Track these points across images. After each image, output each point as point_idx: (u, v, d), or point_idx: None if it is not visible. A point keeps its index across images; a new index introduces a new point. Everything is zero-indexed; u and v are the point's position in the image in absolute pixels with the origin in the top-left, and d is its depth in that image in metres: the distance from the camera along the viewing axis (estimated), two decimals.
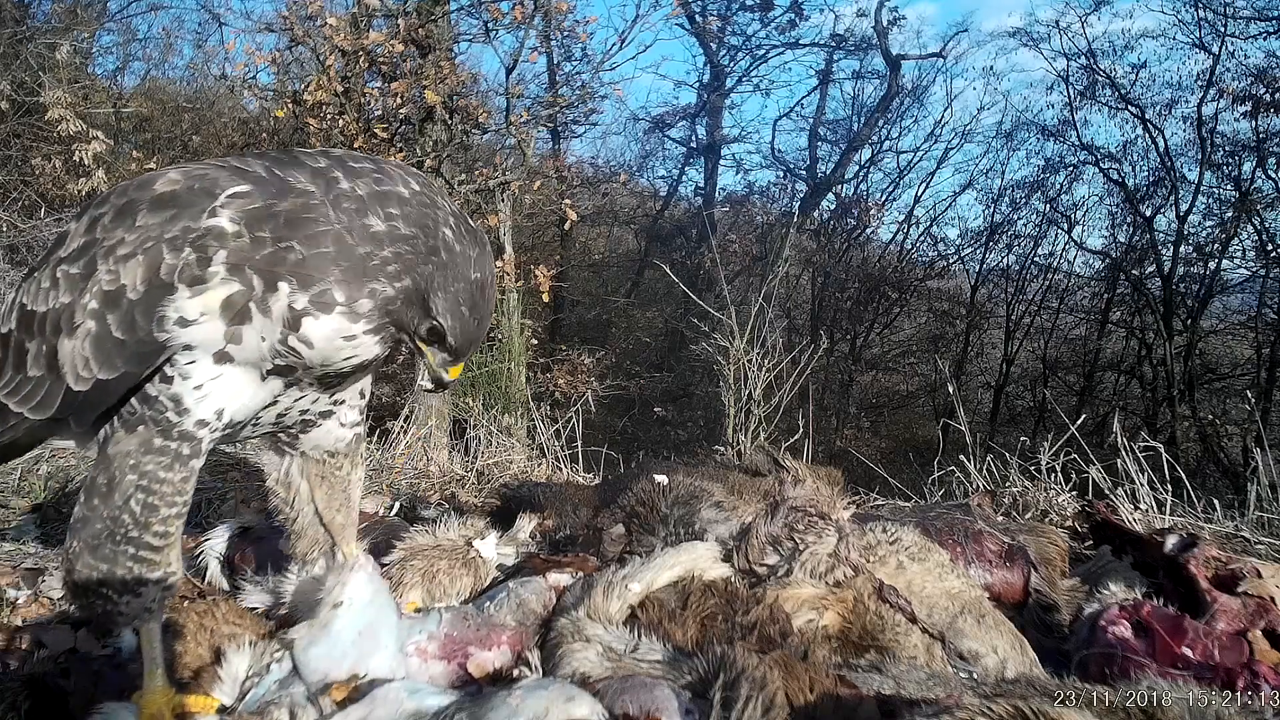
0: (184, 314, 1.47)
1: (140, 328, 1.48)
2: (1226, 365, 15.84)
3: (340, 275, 1.48)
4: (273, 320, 1.48)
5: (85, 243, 1.54)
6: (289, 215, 1.46)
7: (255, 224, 1.45)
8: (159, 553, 1.62)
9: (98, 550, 1.59)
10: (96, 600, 1.62)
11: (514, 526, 2.61)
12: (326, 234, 1.47)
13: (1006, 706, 1.26)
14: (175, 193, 1.49)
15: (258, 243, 1.45)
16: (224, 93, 13.24)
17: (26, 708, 1.77)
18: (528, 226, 15.11)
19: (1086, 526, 3.07)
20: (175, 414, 1.56)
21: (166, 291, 1.46)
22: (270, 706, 1.65)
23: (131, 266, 1.47)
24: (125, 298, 1.48)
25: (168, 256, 1.46)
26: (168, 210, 1.48)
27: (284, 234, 1.45)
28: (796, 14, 18.92)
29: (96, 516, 1.59)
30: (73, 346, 1.53)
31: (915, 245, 21.05)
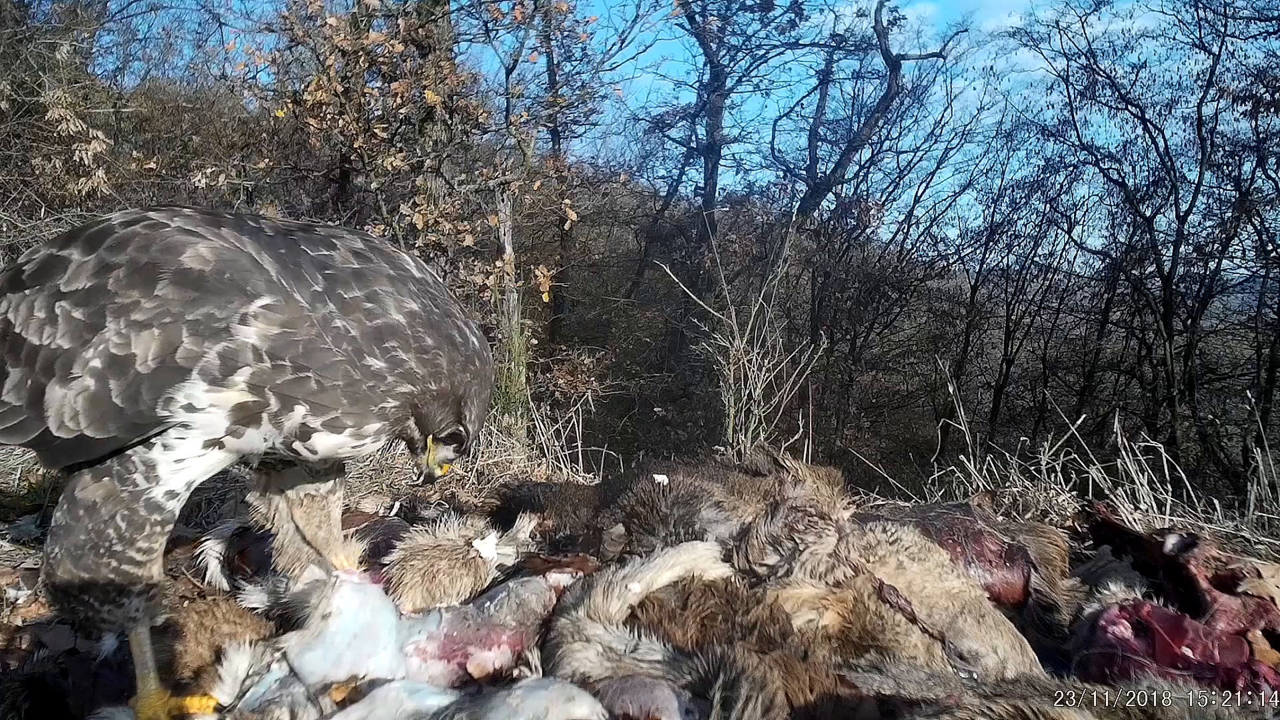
0: (194, 401, 1.48)
1: (143, 401, 1.46)
2: (1226, 365, 15.83)
3: (348, 406, 1.56)
4: (283, 431, 1.54)
5: (93, 288, 1.50)
6: (306, 345, 1.52)
7: (279, 350, 1.49)
8: (142, 567, 1.61)
9: (80, 560, 1.57)
10: (78, 606, 1.61)
11: (514, 526, 2.60)
12: (338, 366, 1.54)
13: (1006, 706, 1.26)
14: (204, 275, 1.48)
15: (279, 369, 1.50)
16: (224, 93, 13.23)
17: (26, 708, 1.76)
18: (528, 226, 15.10)
19: (1086, 526, 3.07)
20: (145, 480, 1.55)
21: (180, 375, 1.46)
22: (270, 705, 1.64)
23: (145, 338, 1.45)
24: (134, 369, 1.46)
25: (187, 341, 1.45)
26: (192, 291, 1.47)
27: (302, 363, 1.51)
28: (796, 14, 18.94)
29: (80, 527, 1.56)
30: (64, 396, 1.49)
31: (915, 245, 21.06)
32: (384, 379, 1.57)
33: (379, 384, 1.57)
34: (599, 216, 19.55)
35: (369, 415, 1.58)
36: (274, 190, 9.85)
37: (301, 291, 1.53)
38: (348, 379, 1.54)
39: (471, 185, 8.29)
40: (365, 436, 1.60)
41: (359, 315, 1.57)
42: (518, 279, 7.94)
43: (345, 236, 1.73)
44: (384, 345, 1.57)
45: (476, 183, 8.27)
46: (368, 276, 1.62)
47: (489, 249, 8.56)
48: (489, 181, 8.16)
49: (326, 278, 1.57)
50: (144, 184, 10.04)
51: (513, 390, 6.81)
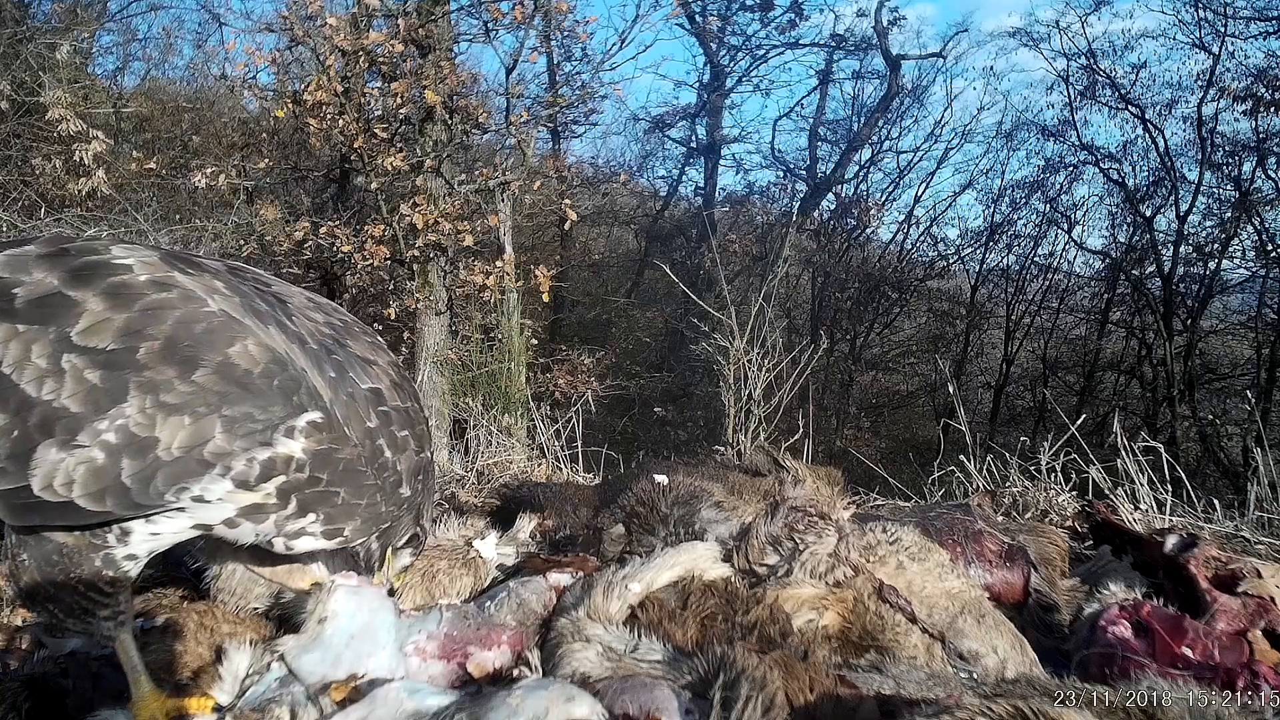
0: (206, 495, 1.44)
1: (154, 488, 1.40)
2: (1226, 365, 15.84)
3: (358, 525, 1.61)
4: (278, 532, 1.56)
5: (119, 353, 1.38)
6: (347, 465, 1.53)
7: (320, 465, 1.50)
8: (110, 598, 1.56)
9: (47, 574, 1.51)
10: (43, 612, 1.58)
11: (514, 526, 2.61)
12: (368, 489, 1.58)
13: (1006, 706, 1.26)
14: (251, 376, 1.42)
15: (314, 481, 1.50)
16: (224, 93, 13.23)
17: (26, 708, 1.76)
18: (528, 226, 15.10)
19: (1086, 526, 3.07)
20: (116, 540, 1.50)
21: (203, 469, 1.41)
22: (270, 705, 1.64)
23: (173, 425, 1.38)
24: (154, 453, 1.38)
25: (219, 437, 1.40)
26: (236, 388, 1.41)
27: (336, 481, 1.52)
28: (796, 14, 18.91)
29: (53, 546, 1.50)
30: (60, 461, 1.38)
31: (915, 245, 21.06)
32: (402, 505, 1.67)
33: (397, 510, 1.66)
34: (599, 216, 19.55)
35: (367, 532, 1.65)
36: (274, 190, 9.85)
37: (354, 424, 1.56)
38: (371, 502, 1.59)
39: (471, 185, 8.30)
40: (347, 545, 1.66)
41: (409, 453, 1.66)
42: (518, 279, 7.95)
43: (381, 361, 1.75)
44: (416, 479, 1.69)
45: (476, 183, 8.28)
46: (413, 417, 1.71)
47: (489, 249, 8.57)
48: (489, 181, 8.17)
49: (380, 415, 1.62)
50: (144, 184, 10.04)
51: (513, 390, 6.82)
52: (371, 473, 1.58)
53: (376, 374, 1.69)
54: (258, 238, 8.62)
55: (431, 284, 8.21)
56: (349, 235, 8.05)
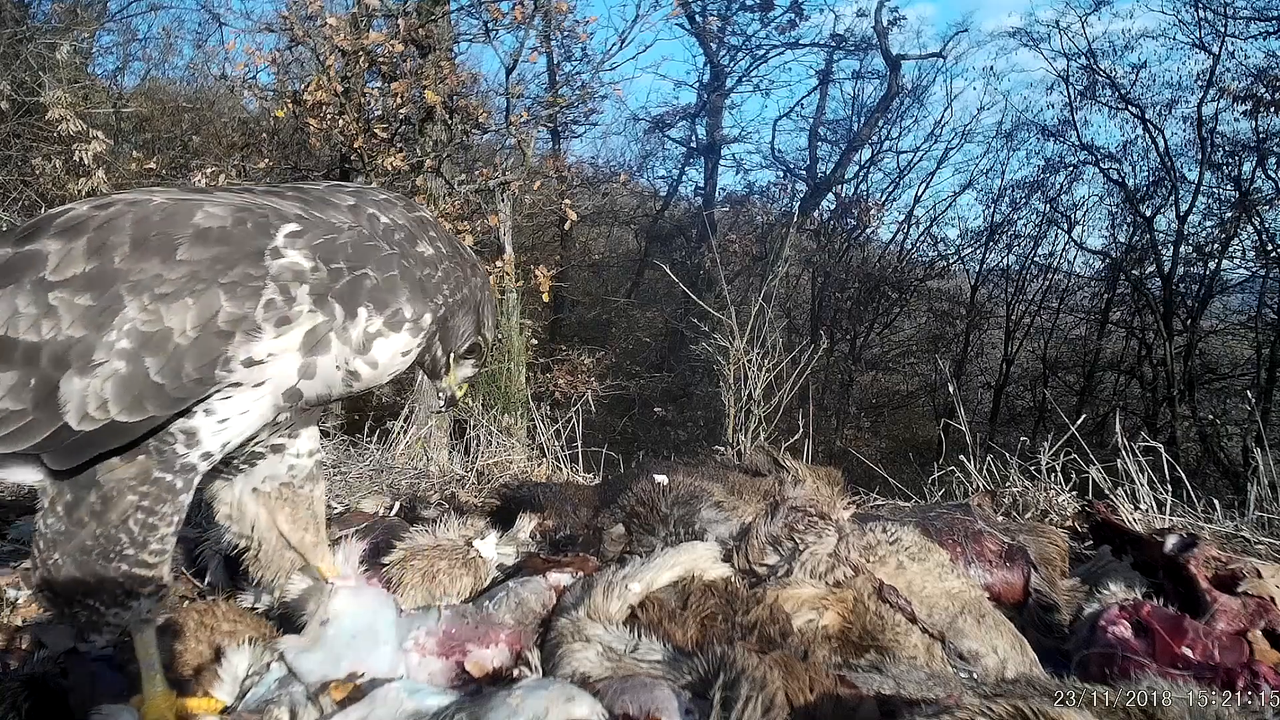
0: (254, 355, 1.43)
1: (187, 374, 1.40)
2: (1226, 365, 15.84)
3: (409, 295, 1.57)
4: (351, 346, 1.53)
5: (95, 270, 1.40)
6: (355, 244, 1.51)
7: (330, 255, 1.48)
8: (153, 569, 1.56)
9: (85, 565, 1.51)
10: (80, 611, 1.56)
11: (514, 526, 2.61)
12: (392, 258, 1.55)
13: (1006, 706, 1.26)
14: (225, 230, 1.42)
15: (335, 274, 1.48)
16: (224, 93, 13.24)
17: (26, 708, 1.76)
18: (528, 226, 15.11)
19: (1086, 526, 3.07)
20: (185, 446, 1.50)
21: (227, 338, 1.41)
22: (270, 705, 1.64)
23: (178, 309, 1.38)
24: (172, 341, 1.39)
25: (227, 304, 1.40)
26: (217, 247, 1.41)
27: (356, 263, 1.50)
28: (796, 14, 18.94)
29: (87, 533, 1.50)
30: (85, 385, 1.39)
31: (915, 245, 21.08)
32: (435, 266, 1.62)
33: (431, 271, 1.61)
34: (599, 216, 19.56)
35: (426, 305, 1.60)
36: None
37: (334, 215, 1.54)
38: (403, 269, 1.56)
39: (471, 185, 8.30)
40: (422, 330, 1.60)
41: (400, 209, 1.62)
42: (518, 279, 7.95)
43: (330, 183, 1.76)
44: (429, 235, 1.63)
45: (476, 183, 8.28)
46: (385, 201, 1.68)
47: (489, 249, 8.57)
48: (489, 181, 8.17)
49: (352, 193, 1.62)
50: (144, 184, 10.04)
51: (513, 390, 6.82)
52: (381, 241, 1.55)
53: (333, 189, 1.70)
54: None
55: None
56: None
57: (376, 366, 1.57)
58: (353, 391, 1.63)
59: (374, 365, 1.57)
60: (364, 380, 1.60)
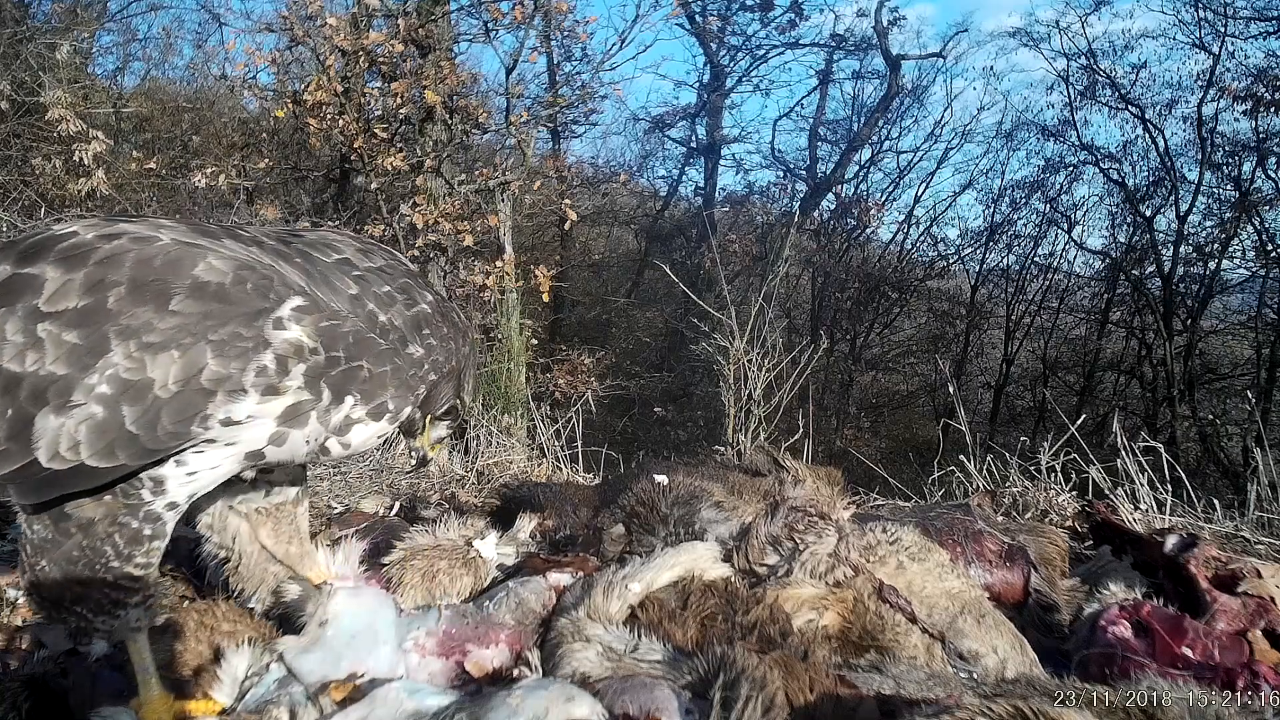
0: (233, 416, 1.43)
1: (163, 426, 1.38)
2: (1226, 365, 15.83)
3: (395, 391, 1.60)
4: (328, 427, 1.55)
5: (89, 308, 1.37)
6: (356, 335, 1.54)
7: (331, 342, 1.49)
8: (139, 580, 1.56)
9: (72, 573, 1.50)
10: (69, 617, 1.56)
11: (514, 526, 2.60)
12: (387, 354, 1.58)
13: (1006, 706, 1.26)
14: (224, 287, 1.40)
15: (333, 361, 1.50)
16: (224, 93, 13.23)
17: (27, 708, 1.76)
18: (528, 226, 15.11)
19: (1086, 526, 3.07)
20: (151, 494, 1.49)
21: (207, 396, 1.39)
22: (269, 706, 1.64)
23: (163, 361, 1.37)
24: (152, 393, 1.37)
25: (213, 362, 1.38)
26: (212, 304, 1.39)
27: (354, 354, 1.53)
28: (796, 14, 18.91)
29: (73, 544, 1.49)
30: (60, 425, 1.37)
31: (915, 245, 21.05)
32: (421, 365, 1.65)
33: (418, 370, 1.65)
34: (599, 216, 19.55)
35: (408, 398, 1.64)
36: (274, 190, 9.85)
37: (337, 299, 1.56)
38: (395, 367, 1.59)
39: (471, 185, 8.29)
40: (398, 421, 1.66)
41: (399, 307, 1.64)
42: (518, 279, 7.95)
43: (341, 238, 1.78)
44: (421, 333, 1.66)
45: (476, 183, 8.28)
46: (390, 272, 1.70)
47: (489, 249, 8.56)
48: (489, 181, 8.16)
49: (356, 279, 1.63)
50: (144, 184, 10.05)
51: (513, 390, 6.82)
52: (378, 336, 1.58)
53: (340, 247, 1.71)
54: None
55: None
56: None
57: (349, 447, 1.62)
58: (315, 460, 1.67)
59: (347, 445, 1.62)
60: (332, 455, 1.64)
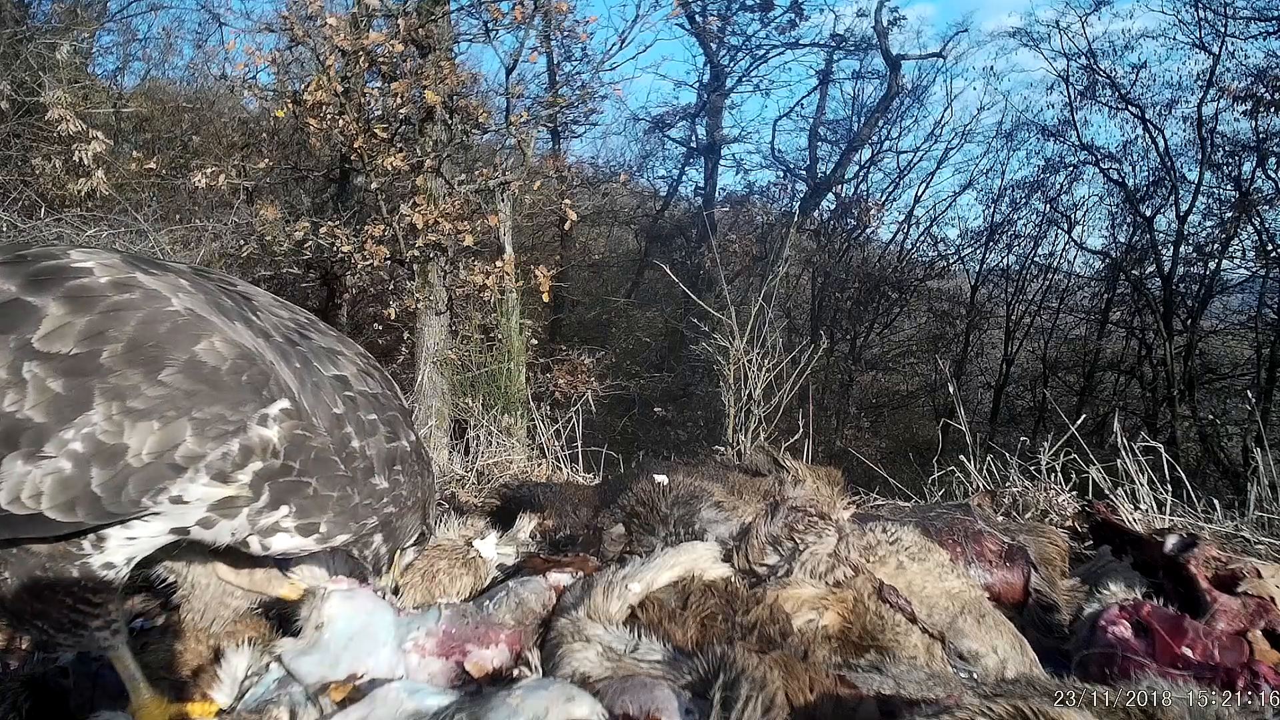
0: (184, 495, 1.41)
1: (128, 494, 1.37)
2: (1226, 365, 15.83)
3: (332, 519, 1.58)
4: (253, 528, 1.52)
5: (82, 358, 1.35)
6: (318, 454, 1.51)
7: (294, 452, 1.48)
8: (98, 607, 1.54)
9: (34, 589, 1.48)
10: (32, 630, 1.56)
11: (514, 526, 2.61)
12: (339, 480, 1.55)
13: (1006, 706, 1.26)
14: (219, 373, 1.39)
15: (286, 469, 1.48)
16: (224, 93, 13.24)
17: (27, 708, 1.76)
18: (528, 226, 15.11)
19: (1086, 526, 3.07)
20: (92, 548, 1.48)
21: (175, 473, 1.38)
22: (269, 705, 1.64)
23: (142, 431, 1.35)
24: (124, 460, 1.35)
25: (190, 440, 1.37)
26: (204, 386, 1.38)
27: (308, 470, 1.50)
28: (796, 14, 18.91)
29: (35, 563, 1.47)
30: (26, 473, 1.34)
31: (915, 245, 21.04)
32: (380, 499, 1.64)
33: (374, 503, 1.63)
34: (599, 216, 19.56)
35: (346, 529, 1.62)
36: (274, 190, 9.84)
37: (320, 412, 1.54)
38: (343, 494, 1.57)
39: (471, 185, 8.29)
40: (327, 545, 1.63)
41: (379, 439, 1.64)
42: (518, 279, 7.95)
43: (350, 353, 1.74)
44: (393, 469, 1.66)
45: (476, 183, 8.27)
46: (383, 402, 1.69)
47: (489, 249, 8.56)
48: (489, 181, 8.16)
49: (346, 400, 1.60)
50: (144, 184, 10.05)
51: (513, 390, 6.82)
52: (341, 462, 1.55)
53: (342, 363, 1.69)
54: (258, 238, 8.62)
55: (431, 284, 8.21)
56: (349, 235, 8.04)
57: (269, 549, 1.59)
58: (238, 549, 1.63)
59: (267, 548, 1.59)
60: (251, 550, 1.61)
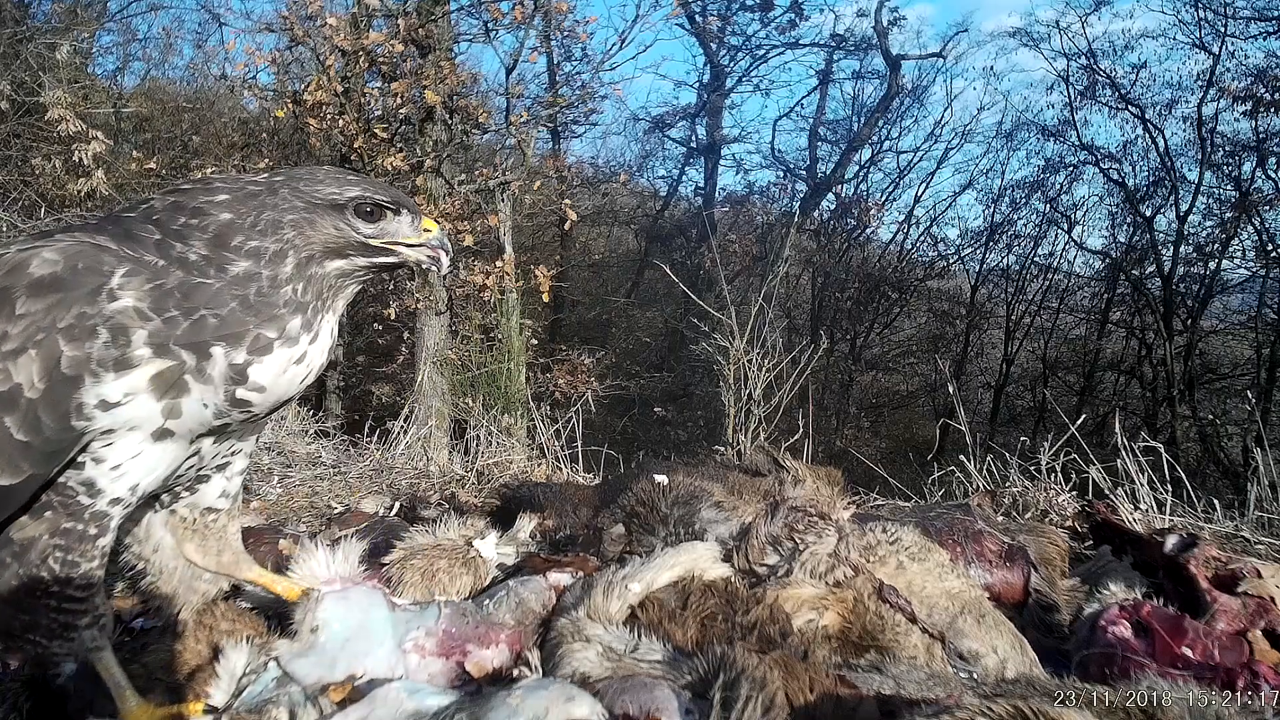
0: (105, 397, 1.39)
1: (47, 426, 1.38)
2: (1226, 365, 15.85)
3: (256, 320, 1.46)
4: (215, 385, 1.45)
5: None
6: (181, 288, 1.43)
7: (161, 306, 1.41)
8: (84, 602, 1.54)
9: (16, 601, 1.49)
10: (26, 645, 1.55)
11: (514, 526, 2.60)
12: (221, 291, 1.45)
13: (1006, 706, 1.26)
14: (57, 276, 1.39)
15: (171, 322, 1.41)
16: (224, 93, 13.26)
17: (27, 708, 1.76)
18: (528, 226, 15.13)
19: (1086, 526, 3.07)
20: (88, 497, 1.48)
21: (75, 384, 1.37)
22: (268, 705, 1.64)
23: (24, 363, 1.36)
24: (23, 397, 1.37)
25: (67, 348, 1.37)
26: (51, 295, 1.38)
27: (188, 305, 1.42)
28: (796, 14, 18.97)
29: (10, 574, 1.48)
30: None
31: (915, 245, 21.10)
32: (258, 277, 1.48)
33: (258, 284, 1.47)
34: (599, 216, 19.58)
35: (279, 317, 1.48)
36: None
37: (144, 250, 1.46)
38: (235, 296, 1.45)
39: (471, 185, 8.30)
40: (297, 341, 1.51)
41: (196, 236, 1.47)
42: (518, 279, 7.96)
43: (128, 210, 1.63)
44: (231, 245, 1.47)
45: (476, 183, 8.28)
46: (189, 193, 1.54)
47: (489, 249, 8.57)
48: (489, 181, 8.17)
49: (155, 222, 1.50)
50: (144, 184, 10.04)
51: (513, 390, 6.83)
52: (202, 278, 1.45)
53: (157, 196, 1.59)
54: None
55: (431, 284, 8.21)
56: None
57: (265, 390, 1.49)
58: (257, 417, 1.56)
59: (261, 390, 1.49)
60: (261, 404, 1.51)
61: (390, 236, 1.61)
